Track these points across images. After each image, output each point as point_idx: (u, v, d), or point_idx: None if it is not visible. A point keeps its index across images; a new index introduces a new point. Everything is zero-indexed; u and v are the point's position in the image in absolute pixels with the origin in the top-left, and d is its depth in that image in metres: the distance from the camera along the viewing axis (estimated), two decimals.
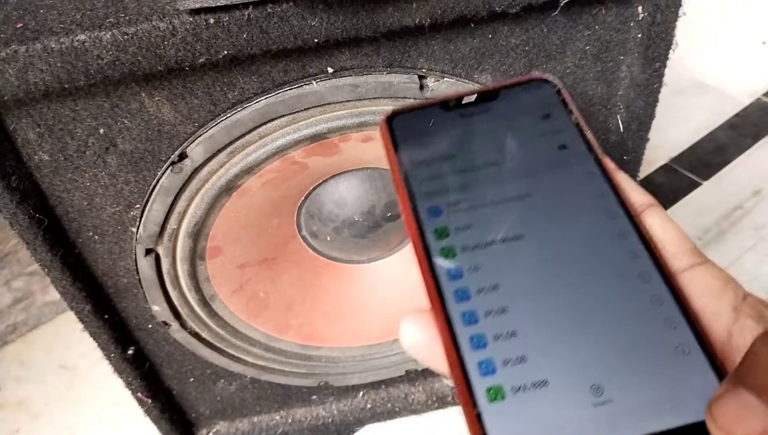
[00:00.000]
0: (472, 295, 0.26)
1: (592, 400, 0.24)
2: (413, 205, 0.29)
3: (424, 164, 0.31)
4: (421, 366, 0.73)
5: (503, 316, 0.26)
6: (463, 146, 0.31)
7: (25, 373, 0.92)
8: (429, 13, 0.42)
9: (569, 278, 0.27)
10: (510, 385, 0.24)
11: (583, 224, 0.28)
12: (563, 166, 0.30)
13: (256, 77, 0.45)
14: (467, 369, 0.25)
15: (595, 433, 0.23)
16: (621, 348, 0.25)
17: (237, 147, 0.48)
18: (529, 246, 0.28)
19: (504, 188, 0.30)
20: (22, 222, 0.48)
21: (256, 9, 0.40)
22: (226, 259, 0.57)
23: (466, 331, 0.26)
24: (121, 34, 0.40)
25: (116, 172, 0.49)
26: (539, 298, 0.26)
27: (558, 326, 0.26)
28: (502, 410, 0.24)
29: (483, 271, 0.27)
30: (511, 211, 0.29)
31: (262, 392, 0.74)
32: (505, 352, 0.25)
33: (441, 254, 0.28)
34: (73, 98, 0.44)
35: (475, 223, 0.28)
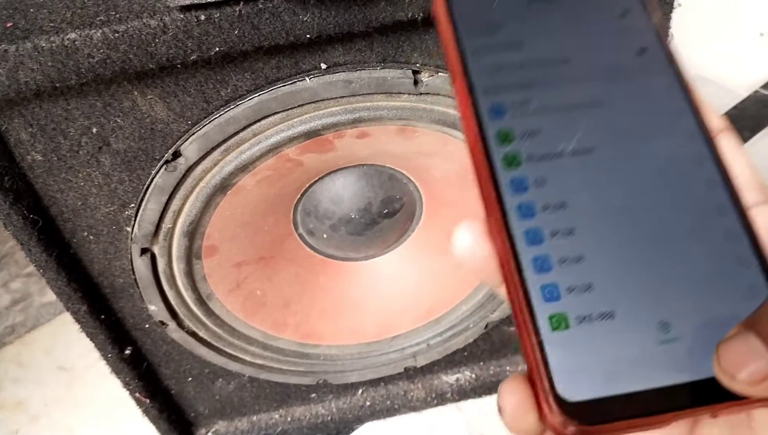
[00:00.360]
0: (537, 212, 0.24)
1: (658, 337, 0.23)
2: (473, 100, 0.26)
3: (486, 52, 0.27)
4: (420, 363, 0.73)
5: (570, 239, 0.24)
6: (532, 36, 0.27)
7: (24, 374, 0.92)
8: (422, 7, 0.42)
9: (641, 203, 0.25)
10: (575, 314, 0.23)
11: (659, 143, 0.26)
12: (641, 74, 0.27)
13: (249, 74, 0.45)
14: (529, 293, 0.23)
15: (658, 372, 0.22)
16: (691, 284, 0.23)
17: (231, 145, 0.48)
18: (601, 162, 0.25)
19: (576, 92, 0.26)
20: (16, 223, 0.48)
21: (247, 5, 0.39)
22: (223, 258, 0.57)
23: (529, 251, 0.24)
24: (112, 32, 0.40)
25: (110, 171, 0.48)
26: (608, 222, 0.24)
27: (627, 255, 0.24)
28: (566, 340, 0.22)
29: (550, 186, 0.25)
30: (583, 119, 0.26)
31: (260, 391, 0.74)
32: (570, 278, 0.23)
33: (504, 162, 0.25)
34: (65, 97, 0.44)
35: (542, 130, 0.25)
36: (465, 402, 0.80)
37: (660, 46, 0.28)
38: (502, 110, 0.26)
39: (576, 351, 0.22)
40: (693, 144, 0.26)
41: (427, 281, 0.68)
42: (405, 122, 0.49)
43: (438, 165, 0.57)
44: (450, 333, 0.70)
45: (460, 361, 0.77)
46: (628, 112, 0.26)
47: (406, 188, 0.61)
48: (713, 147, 0.26)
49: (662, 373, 0.22)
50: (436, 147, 0.53)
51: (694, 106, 0.27)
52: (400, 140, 0.52)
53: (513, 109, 0.26)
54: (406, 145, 0.53)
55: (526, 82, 0.26)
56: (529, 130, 0.25)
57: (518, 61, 0.27)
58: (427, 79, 0.47)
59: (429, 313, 0.69)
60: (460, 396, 0.79)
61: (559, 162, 0.25)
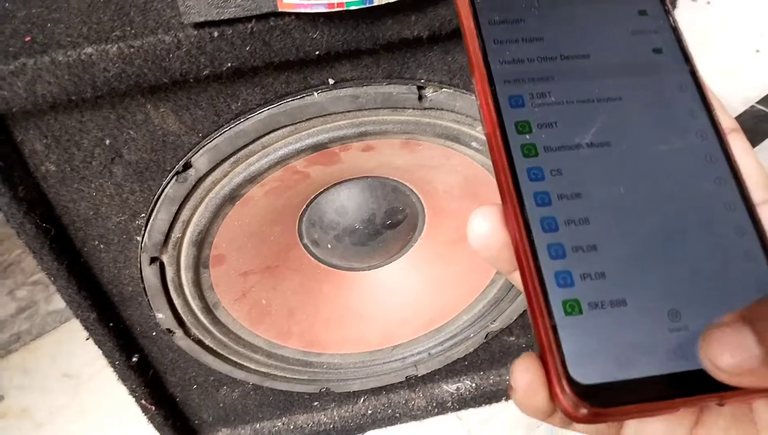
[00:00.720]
0: (553, 201, 0.25)
1: (668, 324, 0.23)
2: (492, 90, 0.27)
3: (507, 43, 0.27)
4: (421, 372, 0.74)
5: (584, 228, 0.24)
6: (551, 30, 0.28)
7: (29, 381, 0.93)
8: (427, 25, 0.43)
9: (654, 196, 0.25)
10: (587, 300, 0.23)
11: (674, 141, 0.26)
12: (657, 72, 0.28)
13: (259, 89, 0.46)
14: (544, 278, 0.24)
15: (668, 358, 0.23)
16: (701, 275, 0.24)
17: (240, 157, 0.49)
18: (616, 156, 0.26)
19: (593, 86, 0.27)
20: (29, 231, 0.49)
21: (259, 22, 0.41)
22: (230, 267, 0.58)
23: (545, 238, 0.24)
24: (127, 47, 0.41)
25: (122, 182, 0.49)
26: (622, 213, 0.25)
27: (639, 245, 0.24)
28: (578, 325, 0.23)
29: (566, 176, 0.25)
30: (600, 113, 0.27)
31: (264, 399, 0.75)
32: (584, 265, 0.24)
33: (522, 152, 0.26)
34: (79, 110, 0.45)
35: (560, 121, 0.26)
36: (465, 411, 0.81)
37: (676, 45, 0.29)
38: (521, 101, 0.26)
39: (588, 336, 0.23)
40: (705, 141, 0.27)
41: (428, 291, 0.69)
42: (409, 136, 0.51)
43: (441, 178, 0.58)
44: (451, 342, 0.71)
45: (461, 371, 0.78)
46: (643, 108, 0.27)
47: (409, 200, 0.63)
48: (725, 145, 0.27)
49: (672, 360, 0.23)
50: (439, 160, 0.54)
51: (707, 105, 0.28)
52: (404, 153, 0.53)
53: (531, 101, 0.26)
54: (409, 158, 0.55)
55: (545, 75, 0.27)
56: (546, 121, 0.26)
57: (538, 53, 0.27)
58: (431, 95, 0.48)
59: (430, 322, 0.70)
60: (461, 405, 0.80)
61: (575, 153, 0.26)
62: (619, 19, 0.29)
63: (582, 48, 0.28)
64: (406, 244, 0.66)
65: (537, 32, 0.28)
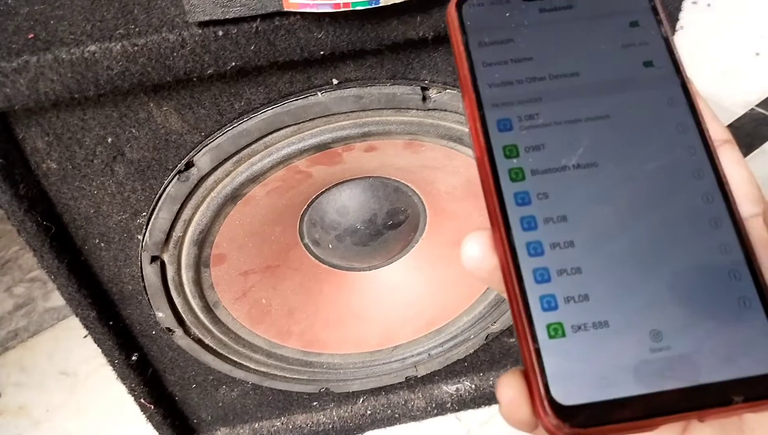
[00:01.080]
0: (539, 225, 0.25)
1: (650, 344, 0.24)
2: (481, 115, 0.27)
3: (497, 64, 0.28)
4: (421, 373, 0.74)
5: (570, 251, 0.25)
6: (541, 49, 0.28)
7: (26, 379, 0.92)
8: (433, 26, 0.43)
9: (640, 217, 0.25)
10: (571, 323, 0.24)
11: (661, 158, 0.26)
12: (647, 87, 0.28)
13: (263, 88, 0.46)
14: (529, 302, 0.24)
15: (649, 378, 0.23)
16: (683, 295, 0.24)
17: (243, 156, 0.49)
18: (602, 176, 0.26)
19: (582, 105, 0.27)
20: (29, 229, 0.49)
21: (264, 22, 0.41)
22: (230, 267, 0.58)
23: (530, 262, 0.25)
24: (131, 45, 0.41)
25: (123, 180, 0.49)
26: (607, 235, 0.25)
27: (623, 266, 0.25)
28: (562, 347, 0.23)
29: (552, 199, 0.25)
30: (587, 133, 0.26)
31: (263, 398, 0.75)
32: (568, 288, 0.24)
33: (509, 176, 0.26)
34: (82, 108, 0.45)
35: (547, 144, 0.26)
36: (464, 412, 0.81)
37: (668, 56, 0.28)
38: (509, 125, 0.26)
39: (571, 358, 0.23)
40: (694, 158, 0.27)
41: (429, 292, 0.69)
42: (412, 137, 0.51)
43: (443, 179, 0.58)
44: (451, 344, 0.71)
45: (461, 372, 0.78)
46: (631, 125, 0.27)
47: (410, 201, 0.62)
48: (715, 160, 0.27)
49: (653, 380, 0.23)
50: (441, 161, 0.54)
51: (698, 118, 0.27)
52: (406, 154, 0.53)
53: (519, 124, 0.26)
54: (412, 159, 0.54)
55: (533, 97, 0.27)
56: (534, 144, 0.26)
57: (527, 74, 0.27)
58: (435, 96, 0.48)
59: (430, 323, 0.70)
60: (460, 406, 0.80)
61: (561, 176, 0.26)
62: (609, 33, 0.29)
63: (571, 66, 0.28)
64: (407, 245, 0.66)
65: (526, 52, 0.28)
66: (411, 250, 0.67)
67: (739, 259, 0.25)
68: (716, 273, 0.25)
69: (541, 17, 0.29)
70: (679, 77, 0.28)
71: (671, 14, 0.46)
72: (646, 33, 0.29)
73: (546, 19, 0.29)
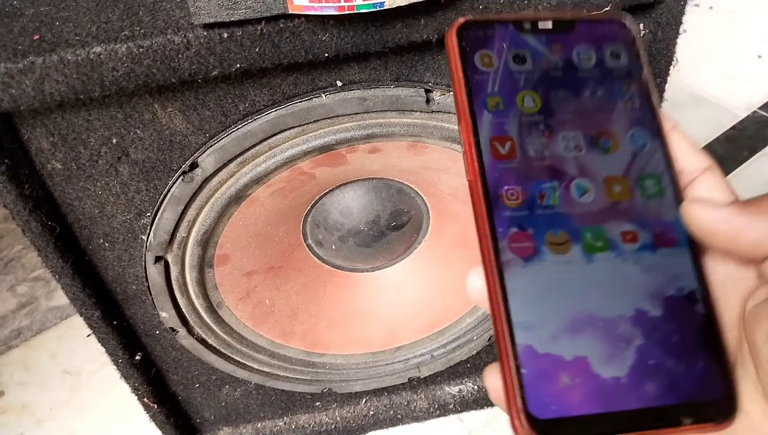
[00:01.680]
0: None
1: (620, 375, 0.26)
2: (476, 140, 0.28)
3: (494, 93, 0.29)
4: (424, 374, 0.74)
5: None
6: (533, 83, 0.29)
7: (30, 377, 0.93)
8: (437, 29, 0.43)
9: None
10: (545, 349, 0.26)
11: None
12: (625, 123, 0.30)
13: (267, 90, 0.46)
14: (514, 334, 0.26)
15: (624, 397, 0.26)
16: (644, 331, 0.27)
17: (247, 157, 0.49)
18: (593, 208, 0.28)
19: (561, 147, 0.29)
20: (34, 229, 0.49)
21: (269, 24, 0.41)
22: (234, 267, 0.58)
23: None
24: (137, 46, 0.41)
25: (128, 181, 0.49)
26: (582, 277, 0.27)
27: (592, 306, 0.27)
28: (539, 369, 0.25)
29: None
30: (572, 172, 0.28)
31: (266, 398, 0.75)
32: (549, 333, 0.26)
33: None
34: (87, 108, 0.45)
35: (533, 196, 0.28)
36: (467, 413, 0.81)
37: (647, 104, 0.30)
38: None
39: (548, 379, 0.25)
40: (669, 210, 0.29)
41: (432, 293, 0.69)
42: (416, 138, 0.51)
43: (446, 180, 0.58)
44: (454, 345, 0.71)
45: (463, 373, 0.78)
46: (607, 175, 0.29)
47: (413, 202, 0.63)
48: (683, 214, 0.28)
49: (627, 398, 0.26)
50: (445, 163, 0.54)
51: (669, 160, 0.29)
52: (410, 156, 0.53)
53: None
54: (415, 161, 0.55)
55: (530, 125, 0.29)
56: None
57: (525, 105, 0.29)
58: (438, 98, 0.48)
59: (433, 324, 0.70)
60: (463, 407, 0.80)
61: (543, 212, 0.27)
62: (595, 71, 0.30)
63: (558, 102, 0.29)
64: (411, 246, 0.67)
65: (519, 83, 0.29)
66: (414, 252, 0.67)
67: (696, 298, 0.28)
68: (673, 313, 0.27)
69: (535, 50, 0.30)
70: (656, 122, 0.30)
71: (675, 18, 0.46)
72: (627, 71, 0.30)
73: (538, 52, 0.30)
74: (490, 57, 0.29)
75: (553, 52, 0.30)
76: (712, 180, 0.29)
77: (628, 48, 0.31)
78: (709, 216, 0.26)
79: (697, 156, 0.30)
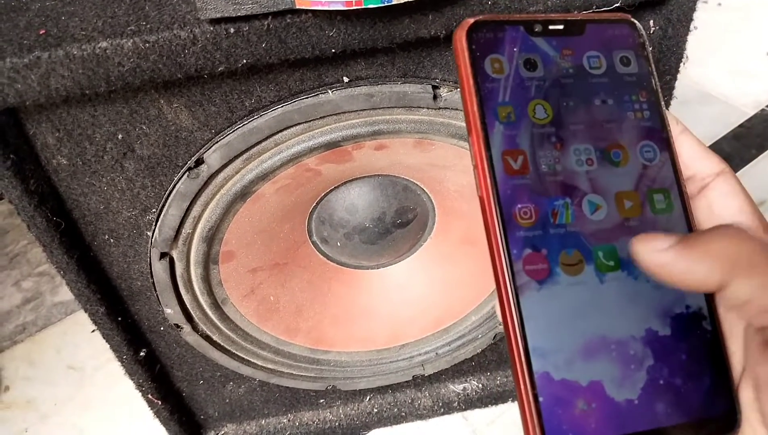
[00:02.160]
0: None
1: (626, 396, 0.26)
2: (489, 154, 0.27)
3: (502, 106, 0.28)
4: (428, 372, 0.73)
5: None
6: (544, 91, 0.29)
7: (34, 373, 0.93)
8: (444, 25, 0.43)
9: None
10: (560, 376, 0.26)
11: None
12: (635, 133, 0.29)
13: (273, 86, 0.46)
14: (529, 349, 0.26)
15: (634, 419, 0.26)
16: (655, 359, 0.27)
17: (253, 154, 0.49)
18: (604, 222, 0.28)
19: (572, 160, 0.28)
20: (39, 225, 0.49)
21: (276, 19, 0.40)
22: (239, 264, 0.58)
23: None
24: (143, 42, 0.41)
25: (133, 176, 0.49)
26: (597, 301, 0.27)
27: (617, 360, 0.27)
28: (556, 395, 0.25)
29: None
30: (585, 179, 0.28)
31: (270, 395, 0.75)
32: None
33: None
34: (92, 104, 0.45)
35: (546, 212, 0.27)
36: (471, 411, 0.81)
37: (657, 113, 0.30)
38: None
39: (564, 405, 0.25)
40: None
41: (437, 291, 0.69)
42: (422, 135, 0.50)
43: (452, 178, 0.58)
44: (458, 343, 0.71)
45: (468, 371, 0.78)
46: (617, 191, 0.28)
47: (419, 199, 0.62)
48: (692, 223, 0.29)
49: (632, 423, 0.26)
50: (451, 160, 0.54)
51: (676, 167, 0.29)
52: (416, 153, 0.53)
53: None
54: (422, 158, 0.54)
55: (543, 137, 0.28)
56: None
57: (538, 115, 0.28)
58: (446, 94, 0.48)
59: (438, 322, 0.70)
60: (467, 405, 0.79)
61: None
62: (607, 76, 0.30)
63: (569, 112, 0.29)
64: (416, 244, 0.66)
65: (531, 92, 0.28)
66: (419, 249, 0.67)
67: (704, 314, 0.28)
68: (682, 330, 0.27)
69: (546, 54, 0.29)
70: (665, 132, 0.30)
71: (686, 14, 0.45)
72: (636, 74, 0.30)
73: (550, 56, 0.29)
74: (500, 62, 0.28)
75: (563, 57, 0.29)
76: (725, 185, 0.29)
77: (637, 52, 0.30)
78: (652, 259, 0.26)
79: (709, 160, 0.29)
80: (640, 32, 0.31)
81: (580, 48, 0.30)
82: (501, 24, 0.29)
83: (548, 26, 0.29)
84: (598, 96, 0.29)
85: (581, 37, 0.30)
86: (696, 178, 0.29)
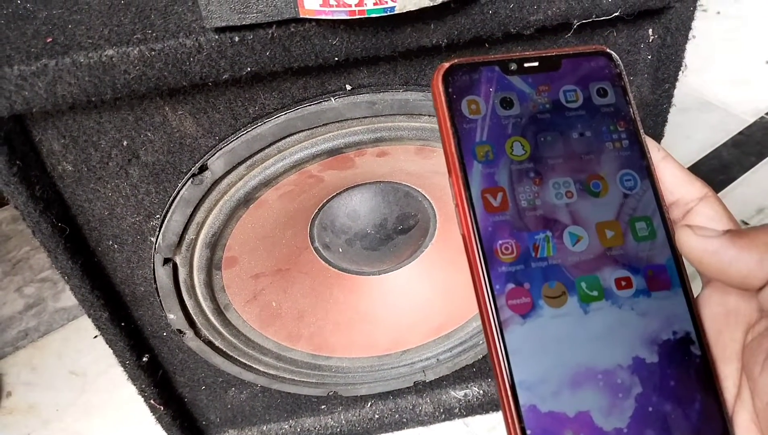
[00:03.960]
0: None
1: (615, 424, 0.26)
2: (468, 194, 0.28)
3: (479, 145, 0.29)
4: (429, 378, 0.74)
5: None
6: (521, 128, 0.29)
7: (36, 378, 0.93)
8: (446, 34, 0.43)
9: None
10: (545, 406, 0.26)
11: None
12: (614, 164, 0.29)
13: (277, 93, 0.47)
14: (516, 391, 0.26)
15: None
16: (644, 381, 0.27)
17: (256, 160, 0.49)
18: (586, 253, 0.28)
19: (552, 194, 0.29)
20: (44, 230, 0.49)
21: (280, 28, 0.41)
22: (242, 269, 0.58)
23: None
24: (149, 50, 0.41)
25: (138, 183, 0.50)
26: (583, 328, 0.27)
27: (605, 389, 0.27)
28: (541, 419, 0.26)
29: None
30: (567, 213, 0.28)
31: (272, 401, 0.75)
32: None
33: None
34: (98, 111, 0.46)
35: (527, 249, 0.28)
36: (472, 418, 0.81)
37: (635, 140, 0.30)
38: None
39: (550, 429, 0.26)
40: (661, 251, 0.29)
41: (438, 297, 0.69)
42: (424, 142, 0.51)
43: None
44: (460, 349, 0.71)
45: (469, 377, 0.78)
46: (597, 221, 0.29)
47: (420, 205, 0.63)
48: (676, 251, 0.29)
49: None
50: None
51: (659, 197, 0.29)
52: (418, 159, 0.54)
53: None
54: (423, 164, 0.55)
55: (522, 174, 0.29)
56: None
57: (516, 153, 0.29)
58: None
59: (440, 328, 0.70)
60: (468, 412, 0.80)
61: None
62: (583, 110, 0.30)
63: (547, 147, 0.29)
64: (417, 250, 0.67)
65: (508, 130, 0.29)
66: (421, 255, 0.67)
67: (692, 339, 0.28)
68: (670, 357, 0.27)
69: (522, 92, 0.30)
70: (645, 161, 0.30)
71: (684, 23, 0.46)
72: (613, 105, 0.30)
73: (526, 94, 0.30)
74: (477, 103, 0.29)
75: (539, 93, 0.30)
76: (708, 209, 0.29)
77: (614, 83, 0.31)
78: (699, 245, 0.26)
79: (691, 185, 0.30)
80: (617, 62, 0.31)
81: (556, 83, 0.30)
82: (476, 66, 0.29)
83: (523, 64, 0.30)
84: (576, 129, 0.30)
85: (557, 72, 0.30)
86: (680, 203, 0.30)
